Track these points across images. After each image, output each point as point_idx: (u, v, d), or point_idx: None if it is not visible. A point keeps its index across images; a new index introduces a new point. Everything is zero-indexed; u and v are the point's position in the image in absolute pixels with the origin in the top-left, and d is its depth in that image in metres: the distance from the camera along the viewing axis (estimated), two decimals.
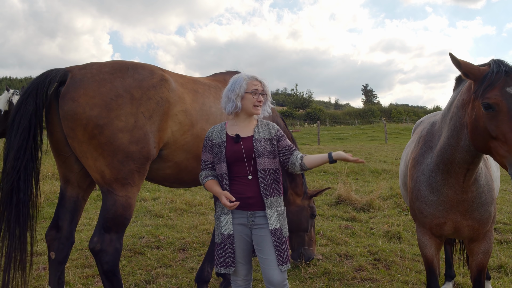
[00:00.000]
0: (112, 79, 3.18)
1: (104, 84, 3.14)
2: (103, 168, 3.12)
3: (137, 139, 3.15)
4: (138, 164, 3.20)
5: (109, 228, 3.17)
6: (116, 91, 3.14)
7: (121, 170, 3.13)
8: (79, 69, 3.24)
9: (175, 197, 8.40)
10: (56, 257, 3.46)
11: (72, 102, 3.06)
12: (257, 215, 2.83)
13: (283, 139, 2.96)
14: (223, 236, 2.86)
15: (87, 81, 3.13)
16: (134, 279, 4.44)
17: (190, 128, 3.53)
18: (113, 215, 3.16)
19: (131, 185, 3.21)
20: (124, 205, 3.18)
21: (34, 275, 4.46)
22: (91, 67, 3.26)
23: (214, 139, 2.93)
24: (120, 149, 3.10)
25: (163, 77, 3.44)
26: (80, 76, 3.16)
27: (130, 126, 3.14)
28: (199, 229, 6.36)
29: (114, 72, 3.24)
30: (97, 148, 3.08)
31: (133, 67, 3.35)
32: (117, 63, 3.38)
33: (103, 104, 3.08)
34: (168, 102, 3.37)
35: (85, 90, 3.09)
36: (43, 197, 7.64)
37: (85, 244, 5.53)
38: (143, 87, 3.26)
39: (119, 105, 3.12)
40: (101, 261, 3.15)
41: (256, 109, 2.91)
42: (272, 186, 2.85)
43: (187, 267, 4.84)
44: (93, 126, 3.05)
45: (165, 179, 3.72)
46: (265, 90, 2.96)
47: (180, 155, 3.54)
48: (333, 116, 62.64)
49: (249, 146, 2.86)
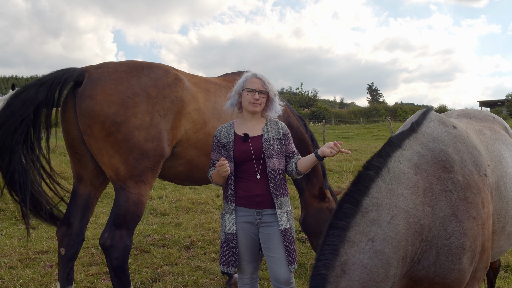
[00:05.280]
0: (128, 78, 3.24)
1: (121, 83, 3.20)
2: (118, 165, 3.17)
3: (152, 136, 3.20)
4: (153, 161, 3.25)
5: (120, 224, 3.20)
6: (133, 89, 3.20)
7: (136, 168, 3.18)
8: (96, 68, 3.30)
9: (180, 196, 8.42)
10: (66, 253, 3.49)
11: (90, 99, 3.11)
12: (265, 213, 2.82)
13: (289, 142, 2.94)
14: (227, 235, 2.85)
15: (104, 79, 3.18)
16: (140, 277, 4.45)
17: (202, 127, 3.58)
18: (125, 212, 3.20)
19: (144, 182, 3.26)
20: (136, 202, 3.23)
21: (41, 272, 4.49)
22: (107, 66, 3.32)
23: (222, 139, 2.91)
24: (136, 147, 3.16)
25: (177, 76, 3.49)
26: (97, 74, 3.22)
27: (146, 124, 3.19)
28: (205, 227, 6.37)
29: (130, 71, 3.30)
30: (114, 145, 3.13)
31: (149, 67, 3.42)
32: (132, 62, 3.44)
33: (120, 101, 3.14)
34: (182, 101, 3.42)
35: (103, 88, 3.15)
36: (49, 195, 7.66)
37: (91, 242, 5.55)
38: (159, 86, 3.32)
39: (136, 103, 3.18)
40: (111, 257, 3.18)
41: (252, 107, 2.85)
42: (281, 186, 2.84)
43: (193, 265, 4.84)
44: (110, 123, 3.11)
45: (176, 176, 3.76)
46: (266, 88, 2.87)
47: (192, 153, 3.59)
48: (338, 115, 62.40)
49: (258, 146, 2.84)
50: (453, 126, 2.56)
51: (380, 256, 1.95)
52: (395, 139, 2.32)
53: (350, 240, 1.95)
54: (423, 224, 2.13)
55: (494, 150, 2.82)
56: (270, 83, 2.91)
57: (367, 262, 1.92)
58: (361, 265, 1.91)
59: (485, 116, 3.44)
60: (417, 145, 2.32)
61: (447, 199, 2.21)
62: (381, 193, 2.08)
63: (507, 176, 2.73)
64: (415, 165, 2.22)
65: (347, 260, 1.91)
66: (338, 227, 1.99)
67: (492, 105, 59.93)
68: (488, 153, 2.71)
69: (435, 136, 2.40)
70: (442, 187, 2.23)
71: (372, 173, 2.14)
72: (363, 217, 2.00)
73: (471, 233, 2.24)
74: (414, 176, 2.18)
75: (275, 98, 2.94)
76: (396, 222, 2.03)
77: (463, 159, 2.38)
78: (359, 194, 2.07)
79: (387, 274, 1.96)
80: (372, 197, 2.06)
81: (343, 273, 1.88)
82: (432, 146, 2.33)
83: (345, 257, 1.91)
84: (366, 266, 1.91)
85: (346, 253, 1.91)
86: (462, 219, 2.22)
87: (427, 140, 2.36)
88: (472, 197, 2.28)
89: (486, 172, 2.49)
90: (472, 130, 2.93)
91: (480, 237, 2.30)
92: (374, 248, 1.95)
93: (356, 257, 1.92)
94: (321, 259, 1.92)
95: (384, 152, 2.24)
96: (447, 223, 2.19)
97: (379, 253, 1.95)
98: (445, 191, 2.23)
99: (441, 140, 2.39)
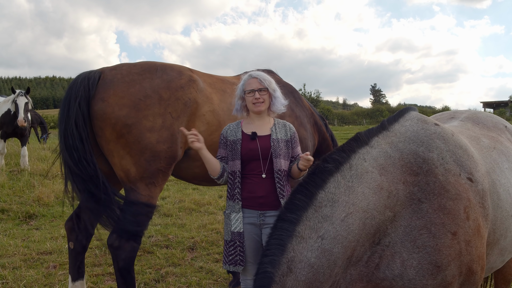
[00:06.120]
0: (141, 80, 3.25)
1: (133, 85, 3.21)
2: (129, 167, 3.18)
3: (164, 138, 3.20)
4: (164, 163, 3.25)
5: (128, 226, 3.20)
6: (144, 92, 3.21)
7: (147, 169, 3.19)
8: (110, 70, 3.33)
9: (183, 197, 8.42)
10: (75, 247, 3.54)
11: (102, 102, 3.15)
12: (268, 214, 2.81)
13: (296, 145, 2.93)
14: (233, 234, 2.84)
15: (116, 82, 3.20)
16: (143, 278, 4.45)
17: (217, 128, 3.56)
18: (134, 214, 3.20)
19: (155, 185, 3.26)
20: (145, 204, 3.23)
21: (44, 273, 4.49)
22: (121, 68, 3.34)
23: (229, 137, 2.91)
24: (148, 148, 3.17)
25: (191, 77, 3.47)
26: (110, 77, 3.24)
27: (158, 126, 3.20)
28: (208, 228, 6.37)
29: (143, 73, 3.31)
30: (125, 147, 3.15)
31: (162, 68, 3.41)
32: (147, 64, 3.44)
33: (131, 104, 3.15)
34: (196, 103, 3.41)
35: (115, 90, 3.17)
36: (53, 196, 7.70)
37: (95, 243, 5.54)
38: (171, 88, 3.31)
39: (147, 105, 3.18)
40: (118, 258, 3.19)
41: (256, 107, 2.85)
42: (286, 187, 2.84)
43: (196, 266, 4.84)
44: (121, 126, 3.13)
45: (194, 177, 3.78)
46: (264, 85, 2.85)
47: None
48: (341, 116, 62.34)
49: (265, 145, 2.83)
50: (435, 124, 2.34)
51: (328, 256, 1.82)
52: (363, 135, 2.13)
53: (299, 236, 1.81)
54: (379, 228, 1.95)
55: (488, 157, 2.58)
56: (267, 79, 2.88)
57: (314, 261, 1.79)
58: (308, 264, 1.78)
59: (496, 124, 3.15)
60: (386, 144, 2.12)
61: (414, 208, 1.99)
62: (339, 189, 1.91)
63: (501, 185, 2.47)
64: (380, 165, 2.03)
65: (294, 257, 1.78)
66: (287, 220, 1.85)
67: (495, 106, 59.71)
68: (480, 158, 2.46)
69: (408, 136, 2.19)
70: (409, 194, 2.01)
71: (330, 167, 1.97)
72: (315, 211, 1.86)
73: (448, 251, 1.97)
74: (379, 177, 1.99)
75: (275, 94, 2.92)
76: (350, 221, 1.88)
77: (440, 157, 2.13)
78: (314, 186, 1.91)
79: (331, 274, 1.84)
80: (328, 191, 1.90)
81: (289, 272, 1.76)
82: (402, 147, 2.13)
83: (292, 253, 1.78)
84: (313, 266, 1.79)
85: (293, 250, 1.79)
86: (437, 234, 1.96)
87: (397, 140, 2.16)
88: (450, 206, 2.01)
89: (472, 176, 2.21)
90: (465, 135, 2.72)
91: (464, 256, 2.01)
92: (323, 246, 1.81)
93: (304, 254, 1.79)
94: (267, 254, 1.80)
95: (349, 147, 2.07)
96: (415, 235, 1.96)
97: (327, 253, 1.82)
98: (411, 198, 2.01)
99: (414, 139, 2.18)
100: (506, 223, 2.42)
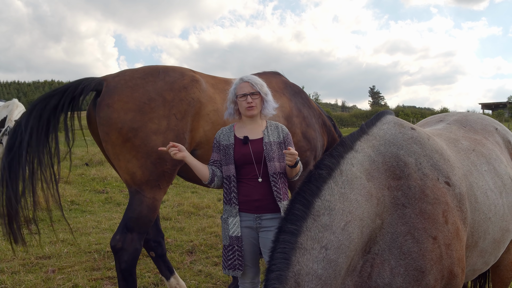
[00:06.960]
0: (144, 84, 3.30)
1: (137, 89, 3.26)
2: (135, 170, 3.22)
3: (170, 140, 3.23)
4: (170, 165, 3.29)
5: (132, 228, 3.24)
6: (148, 95, 3.26)
7: (153, 172, 3.23)
8: (113, 77, 3.38)
9: (182, 200, 8.42)
10: (156, 254, 3.96)
11: (107, 108, 3.19)
12: (264, 217, 2.82)
13: (289, 147, 2.94)
14: (231, 238, 2.84)
15: (120, 88, 3.25)
16: (142, 282, 4.45)
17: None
18: (138, 216, 3.24)
19: (159, 187, 3.30)
20: (149, 206, 3.27)
21: (43, 277, 4.50)
22: (124, 74, 3.40)
23: (221, 141, 2.92)
24: (154, 151, 3.20)
25: (193, 77, 3.53)
26: (114, 83, 3.29)
27: (163, 128, 3.24)
28: (207, 231, 6.37)
29: (145, 76, 3.36)
30: (131, 151, 3.20)
31: (164, 71, 3.46)
32: (149, 68, 3.50)
33: (136, 108, 3.20)
34: (199, 102, 3.46)
35: (119, 96, 3.22)
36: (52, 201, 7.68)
37: (94, 247, 5.55)
38: (175, 89, 3.36)
39: (152, 108, 3.23)
40: (120, 259, 3.22)
41: (249, 111, 2.85)
42: (283, 189, 2.85)
43: (195, 270, 4.84)
44: (127, 130, 3.17)
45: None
46: (256, 89, 2.85)
47: None
48: (340, 119, 62.37)
49: (258, 149, 2.83)
50: (411, 128, 2.35)
51: (334, 267, 1.78)
52: (347, 140, 2.13)
53: (302, 247, 1.77)
54: (371, 236, 1.95)
55: (465, 160, 2.59)
56: (259, 83, 2.89)
57: (322, 272, 1.75)
58: (316, 276, 1.74)
59: (486, 126, 3.15)
60: (368, 148, 2.13)
61: (399, 213, 2.00)
62: (333, 196, 1.89)
63: (478, 188, 2.47)
64: (366, 170, 2.03)
65: (300, 270, 1.74)
66: (288, 232, 1.81)
67: (494, 108, 59.85)
68: (456, 161, 2.47)
69: (387, 139, 2.20)
70: (393, 199, 2.02)
71: (324, 173, 1.94)
72: (314, 221, 1.82)
73: (431, 255, 1.99)
74: (367, 183, 1.99)
75: (267, 97, 2.93)
76: (350, 229, 1.85)
77: (418, 162, 2.15)
78: (310, 195, 1.88)
79: (336, 285, 1.82)
80: (324, 199, 1.87)
81: (297, 286, 1.71)
82: (384, 150, 2.14)
83: (298, 266, 1.74)
84: (320, 278, 1.74)
85: (298, 262, 1.74)
86: (420, 239, 1.97)
87: (378, 143, 2.17)
88: (430, 210, 2.02)
89: (450, 180, 2.22)
90: (443, 138, 2.72)
91: (445, 260, 2.03)
92: (328, 257, 1.78)
93: (309, 266, 1.75)
94: (272, 270, 1.76)
95: (337, 152, 2.04)
96: (401, 241, 1.97)
97: (333, 263, 1.78)
98: (396, 204, 2.01)
99: (394, 142, 2.19)
100: (484, 226, 2.43)
